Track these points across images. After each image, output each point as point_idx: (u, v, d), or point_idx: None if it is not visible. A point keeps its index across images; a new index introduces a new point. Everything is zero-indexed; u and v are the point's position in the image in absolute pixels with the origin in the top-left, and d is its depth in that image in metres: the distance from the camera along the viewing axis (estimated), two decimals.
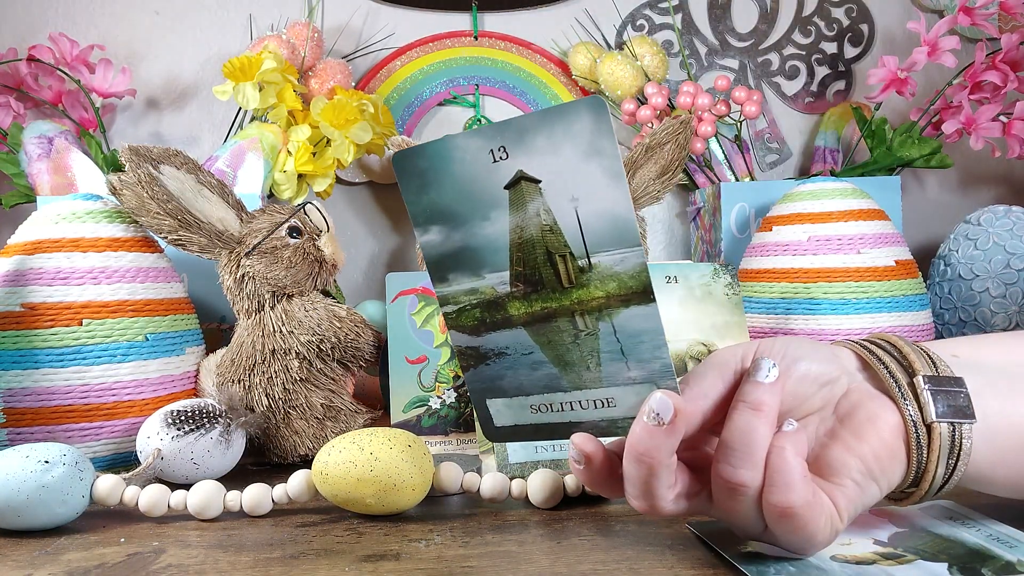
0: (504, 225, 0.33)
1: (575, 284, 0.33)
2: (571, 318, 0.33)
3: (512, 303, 0.34)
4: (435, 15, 0.98)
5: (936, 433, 0.35)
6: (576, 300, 0.33)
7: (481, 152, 0.31)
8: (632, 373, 0.33)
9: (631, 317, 0.32)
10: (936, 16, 1.01)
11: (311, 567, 0.38)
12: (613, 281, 0.32)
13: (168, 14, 0.96)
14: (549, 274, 0.33)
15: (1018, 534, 0.38)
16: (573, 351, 0.34)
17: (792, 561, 0.35)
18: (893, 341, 0.38)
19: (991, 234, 0.77)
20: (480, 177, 0.32)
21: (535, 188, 0.31)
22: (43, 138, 0.82)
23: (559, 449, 0.52)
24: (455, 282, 0.35)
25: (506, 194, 0.32)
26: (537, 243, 0.32)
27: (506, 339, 0.35)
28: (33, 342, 0.54)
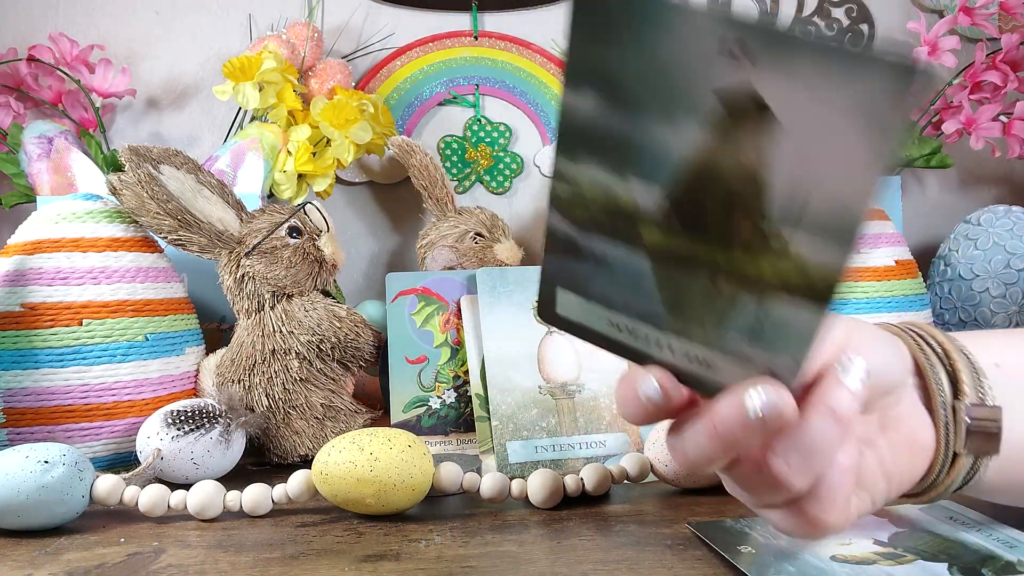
0: (691, 140, 0.24)
1: (745, 248, 0.25)
2: (713, 276, 0.26)
3: (649, 227, 0.26)
4: (435, 15, 0.98)
5: (960, 462, 0.34)
6: (734, 263, 0.25)
7: (709, 35, 0.22)
8: (751, 353, 0.27)
9: (789, 313, 0.25)
10: (936, 16, 1.01)
11: (311, 567, 0.38)
12: (796, 268, 0.24)
13: (168, 14, 0.96)
14: (719, 223, 0.25)
15: (1018, 534, 0.38)
16: (696, 304, 0.27)
17: (792, 561, 0.35)
18: (944, 345, 0.35)
19: (991, 234, 0.77)
20: (693, 65, 0.23)
21: (767, 121, 0.22)
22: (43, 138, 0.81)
23: (559, 449, 0.52)
24: (583, 164, 0.26)
25: (717, 104, 0.23)
26: (723, 184, 0.24)
27: (618, 253, 0.27)
28: (33, 342, 0.54)
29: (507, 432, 0.53)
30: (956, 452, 0.34)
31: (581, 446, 0.53)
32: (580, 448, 0.52)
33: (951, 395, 0.34)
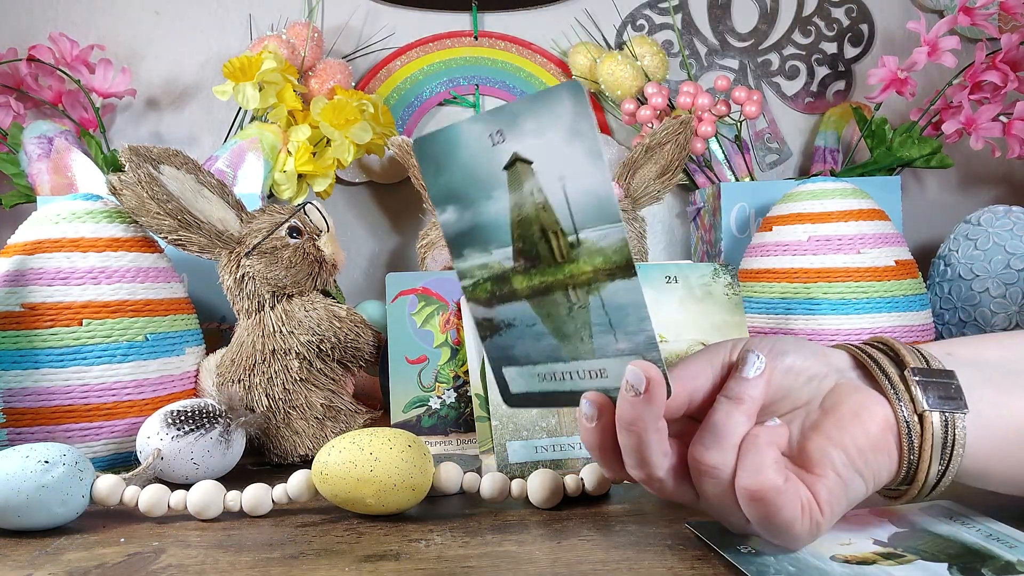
0: (505, 204, 0.35)
1: (567, 259, 0.35)
2: (565, 292, 0.36)
3: (516, 277, 0.37)
4: (435, 15, 0.98)
5: (928, 423, 0.35)
6: (568, 274, 0.35)
7: (482, 137, 0.34)
8: (621, 345, 0.35)
9: (617, 291, 0.34)
10: (936, 16, 1.01)
11: (311, 567, 0.38)
12: (599, 256, 0.34)
13: (168, 14, 0.96)
14: (545, 249, 0.35)
15: (1018, 534, 0.38)
16: (569, 323, 0.36)
17: (792, 561, 0.35)
18: (887, 341, 0.39)
19: (991, 234, 0.77)
20: (483, 160, 0.34)
21: (528, 169, 0.34)
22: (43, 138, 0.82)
23: (559, 449, 0.52)
24: (469, 258, 0.37)
25: (505, 175, 0.34)
26: (533, 220, 0.35)
27: (513, 311, 0.37)
28: (33, 342, 0.54)
29: (507, 432, 0.53)
30: (920, 413, 0.35)
31: (581, 446, 0.53)
32: (580, 448, 0.52)
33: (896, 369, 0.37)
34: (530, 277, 0.36)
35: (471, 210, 0.36)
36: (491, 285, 0.37)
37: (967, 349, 0.40)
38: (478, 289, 0.38)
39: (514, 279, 0.37)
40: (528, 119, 0.32)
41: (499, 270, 0.37)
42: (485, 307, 0.38)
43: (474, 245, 0.37)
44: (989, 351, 0.39)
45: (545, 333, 0.37)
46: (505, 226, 0.36)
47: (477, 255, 0.37)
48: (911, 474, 0.36)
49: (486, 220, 0.36)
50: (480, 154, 0.34)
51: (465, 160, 0.35)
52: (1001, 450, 0.36)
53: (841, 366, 0.38)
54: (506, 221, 0.36)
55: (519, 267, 0.36)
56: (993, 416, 0.36)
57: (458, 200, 0.36)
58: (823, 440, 0.35)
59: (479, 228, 0.36)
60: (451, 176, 0.36)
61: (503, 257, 0.37)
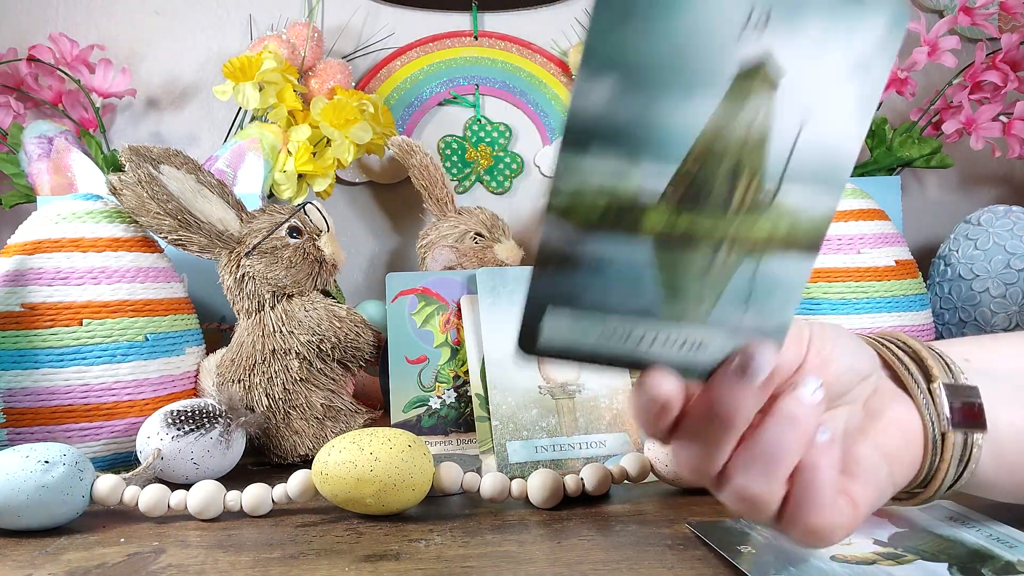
0: (706, 110, 0.25)
1: (744, 211, 0.27)
2: (715, 247, 0.28)
3: (654, 210, 0.27)
4: (435, 15, 0.98)
5: (950, 441, 0.34)
6: (735, 231, 0.27)
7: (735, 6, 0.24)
8: (747, 321, 0.29)
9: (781, 265, 0.28)
10: (936, 16, 1.01)
11: (311, 567, 0.38)
12: (789, 221, 0.27)
13: (168, 14, 0.96)
14: (722, 190, 0.26)
15: (1018, 534, 0.38)
16: (695, 282, 0.28)
17: (792, 561, 0.35)
18: (908, 343, 0.37)
19: (991, 234, 0.77)
20: (717, 39, 0.24)
21: (772, 83, 0.25)
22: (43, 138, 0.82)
23: (559, 449, 0.52)
24: (595, 155, 0.26)
25: (733, 75, 0.24)
26: (731, 152, 0.26)
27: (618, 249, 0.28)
28: (33, 342, 0.54)
29: (507, 432, 0.53)
30: (944, 432, 0.35)
31: (581, 446, 0.53)
32: (580, 448, 0.52)
33: (924, 381, 0.35)
34: (676, 217, 0.27)
35: (646, 96, 0.25)
36: (605, 206, 0.27)
37: (982, 354, 0.38)
38: (579, 205, 0.27)
39: (649, 212, 0.27)
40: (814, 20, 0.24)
41: (633, 191, 0.26)
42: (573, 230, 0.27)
43: (615, 143, 0.26)
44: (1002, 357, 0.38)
45: (651, 283, 0.28)
46: (685, 140, 0.26)
47: (611, 158, 0.26)
48: (925, 483, 0.36)
49: (661, 121, 0.25)
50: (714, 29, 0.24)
51: (682, 27, 0.24)
52: (1010, 467, 0.36)
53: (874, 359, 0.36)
54: (691, 136, 0.25)
55: (669, 198, 0.26)
56: (1004, 433, 0.35)
57: (632, 74, 0.25)
58: (872, 449, 0.34)
59: (641, 125, 0.25)
60: (646, 36, 0.24)
61: (651, 176, 0.26)
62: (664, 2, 0.24)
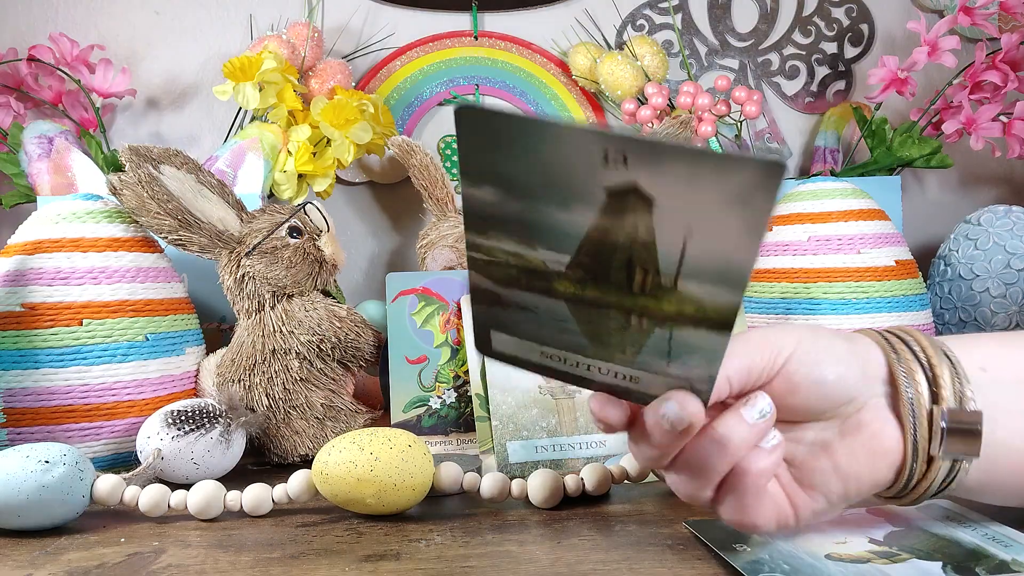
0: (585, 221, 0.27)
1: (646, 293, 0.28)
2: (626, 315, 0.29)
3: (561, 281, 0.29)
4: (435, 15, 0.98)
5: (936, 465, 0.34)
6: (640, 305, 0.29)
7: (592, 149, 0.25)
8: (671, 370, 0.30)
9: (696, 336, 0.29)
10: (936, 16, 1.01)
11: (311, 567, 0.38)
12: (692, 305, 0.28)
13: (168, 14, 0.96)
14: (620, 277, 0.28)
15: (1014, 533, 0.38)
16: (614, 336, 0.30)
17: (787, 560, 0.35)
18: (927, 350, 0.36)
19: (991, 234, 0.77)
20: (578, 171, 0.26)
21: (644, 205, 0.26)
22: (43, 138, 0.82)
23: (559, 449, 0.52)
24: (495, 239, 0.29)
25: (603, 195, 0.26)
26: (621, 250, 0.27)
27: (539, 303, 0.30)
28: (33, 342, 0.54)
29: (507, 432, 0.53)
30: (931, 456, 0.34)
31: (581, 446, 0.53)
32: (580, 448, 0.53)
33: (929, 401, 0.34)
34: (582, 287, 0.29)
35: (524, 203, 0.27)
36: (517, 272, 0.30)
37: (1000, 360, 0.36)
38: (494, 268, 0.30)
39: (558, 282, 0.29)
40: (679, 164, 0.24)
41: (537, 267, 0.29)
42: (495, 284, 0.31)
43: (510, 234, 0.29)
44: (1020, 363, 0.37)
45: (574, 331, 0.31)
46: (572, 238, 0.28)
47: (510, 243, 0.29)
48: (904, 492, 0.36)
49: (545, 222, 0.28)
50: (577, 164, 0.25)
51: (547, 160, 0.26)
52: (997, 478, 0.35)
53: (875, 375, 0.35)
54: (577, 234, 0.27)
55: (571, 275, 0.29)
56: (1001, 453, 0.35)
57: (508, 187, 0.27)
58: (829, 468, 0.34)
59: (527, 224, 0.28)
60: (510, 164, 0.26)
61: (551, 259, 0.29)
62: (521, 141, 0.25)
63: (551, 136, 0.25)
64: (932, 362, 0.35)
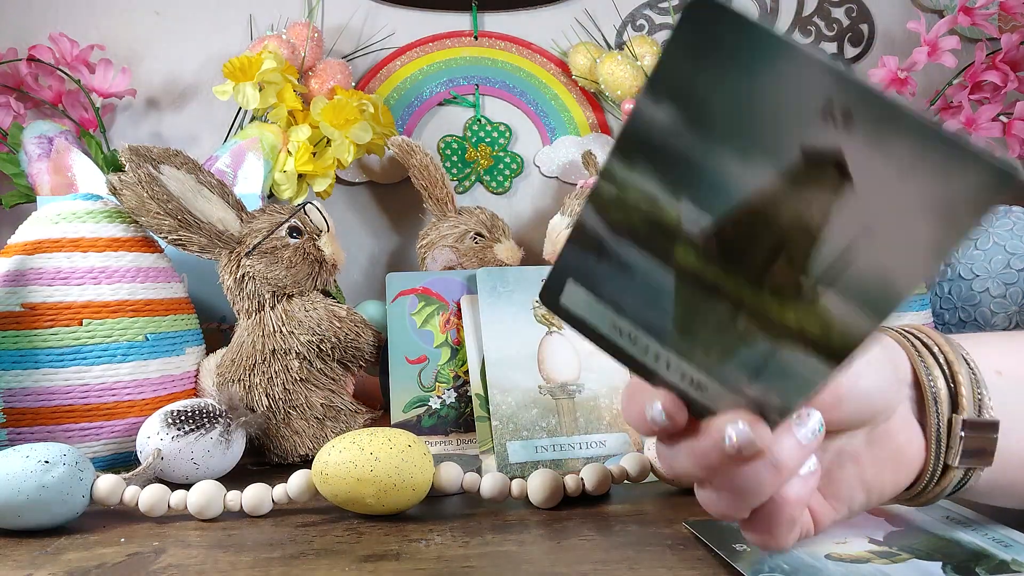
0: (759, 179, 0.23)
1: (774, 293, 0.25)
2: (736, 311, 0.26)
3: (685, 247, 0.26)
4: (435, 15, 0.98)
5: (950, 473, 0.34)
6: (761, 306, 0.25)
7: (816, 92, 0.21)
8: (749, 391, 0.27)
9: (800, 360, 0.25)
10: (936, 16, 1.01)
11: (311, 567, 0.38)
12: (819, 324, 0.24)
13: (168, 14, 0.96)
14: (758, 263, 0.25)
15: (1014, 534, 0.38)
16: (708, 331, 0.27)
17: (787, 560, 0.35)
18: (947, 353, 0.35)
19: (991, 234, 0.77)
20: (786, 113, 0.22)
21: (837, 184, 0.22)
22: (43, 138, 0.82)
23: (559, 449, 0.52)
24: (639, 172, 0.25)
25: (797, 155, 0.22)
26: (776, 230, 0.24)
27: (645, 263, 0.27)
28: (33, 342, 0.54)
29: (507, 432, 0.53)
30: (947, 464, 0.34)
31: (581, 446, 0.53)
32: (580, 448, 0.53)
33: (949, 409, 0.34)
34: (705, 262, 0.25)
35: (701, 138, 0.24)
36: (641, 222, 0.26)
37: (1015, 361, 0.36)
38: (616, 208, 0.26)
39: (680, 245, 0.26)
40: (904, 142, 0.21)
41: (668, 221, 0.25)
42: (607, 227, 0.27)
43: (662, 169, 0.25)
44: None
45: (665, 310, 0.27)
46: (730, 196, 0.24)
47: (652, 181, 0.25)
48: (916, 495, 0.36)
49: (711, 168, 0.24)
50: (789, 103, 0.22)
51: (759, 85, 0.22)
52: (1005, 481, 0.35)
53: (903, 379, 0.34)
54: (738, 194, 0.24)
55: (700, 243, 0.25)
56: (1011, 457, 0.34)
57: (694, 112, 0.23)
58: (855, 477, 0.33)
59: (690, 163, 0.24)
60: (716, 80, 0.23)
61: (689, 217, 0.25)
62: (741, 55, 0.22)
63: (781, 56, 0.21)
64: (953, 368, 0.34)
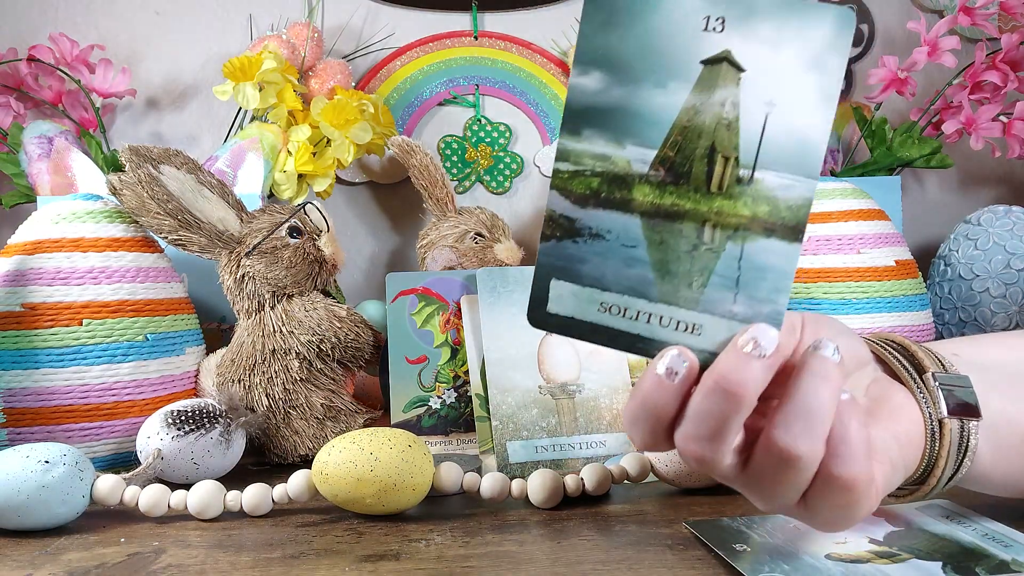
0: (679, 100, 0.29)
1: (723, 192, 0.29)
2: (700, 226, 0.30)
3: (640, 186, 0.30)
4: (435, 15, 0.98)
5: (947, 429, 0.35)
6: (715, 210, 0.30)
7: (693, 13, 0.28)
8: (736, 308, 0.30)
9: (766, 249, 0.30)
10: (936, 16, 1.01)
11: (311, 567, 0.38)
12: (767, 204, 0.29)
13: (168, 14, 0.96)
14: (701, 171, 0.29)
15: (1014, 533, 0.38)
16: (683, 262, 0.30)
17: (787, 559, 0.35)
18: (899, 341, 0.39)
19: (991, 234, 0.77)
20: (679, 39, 0.28)
21: (734, 76, 0.28)
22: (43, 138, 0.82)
23: (559, 449, 0.52)
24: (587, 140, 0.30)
25: (698, 68, 0.28)
26: (705, 133, 0.29)
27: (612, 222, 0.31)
28: (33, 342, 0.54)
29: (507, 432, 0.53)
30: (940, 420, 0.35)
31: (581, 446, 0.53)
32: (580, 448, 0.53)
33: (916, 373, 0.36)
34: (661, 192, 0.30)
35: (626, 87, 0.29)
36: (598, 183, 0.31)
37: (970, 349, 0.39)
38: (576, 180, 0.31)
39: (637, 187, 0.30)
40: (767, 22, 0.27)
41: (621, 171, 0.30)
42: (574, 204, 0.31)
43: (604, 128, 0.30)
44: (991, 351, 0.39)
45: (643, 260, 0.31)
46: (662, 125, 0.29)
47: (600, 141, 0.30)
48: (924, 476, 0.36)
49: (641, 108, 0.29)
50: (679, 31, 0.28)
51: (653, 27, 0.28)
52: (1005, 454, 0.36)
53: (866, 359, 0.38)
54: (668, 120, 0.29)
55: (653, 176, 0.30)
56: (999, 421, 0.36)
57: (614, 68, 0.29)
58: (882, 429, 0.34)
59: (624, 112, 0.30)
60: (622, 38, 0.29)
61: (636, 157, 0.30)
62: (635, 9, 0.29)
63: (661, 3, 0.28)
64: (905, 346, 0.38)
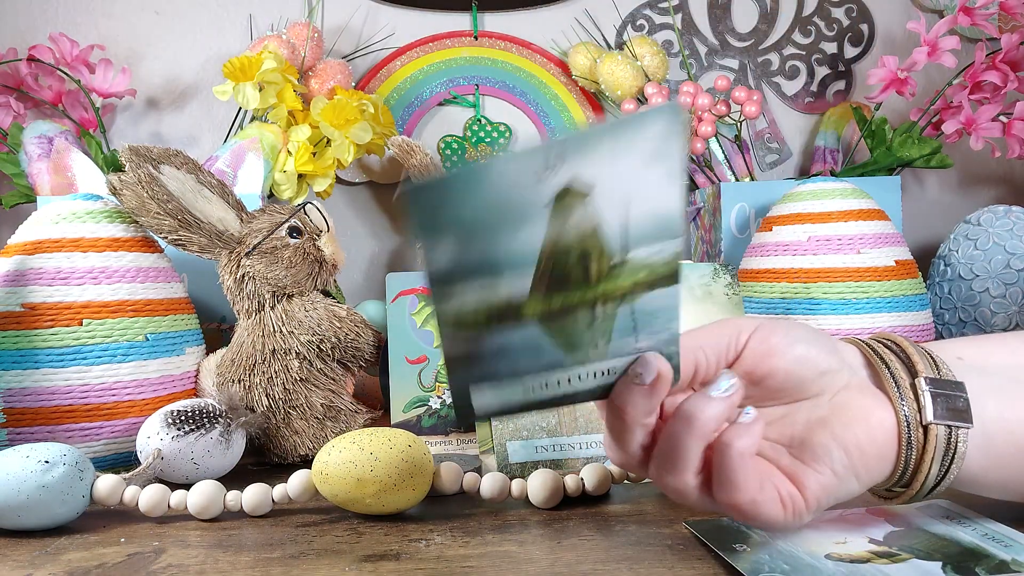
0: (539, 234, 0.30)
1: (602, 279, 0.31)
2: (591, 308, 0.32)
3: (527, 303, 0.32)
4: (435, 15, 0.98)
5: (932, 435, 0.35)
6: (601, 292, 0.32)
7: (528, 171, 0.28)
8: (640, 344, 0.34)
9: (652, 299, 0.32)
10: (936, 16, 1.01)
11: (311, 567, 0.38)
12: (644, 271, 0.31)
13: (168, 14, 0.96)
14: (578, 273, 0.31)
15: (1014, 533, 0.38)
16: (585, 334, 0.33)
17: (787, 559, 0.35)
18: (899, 342, 0.38)
19: (991, 234, 0.77)
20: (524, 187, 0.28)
21: (582, 197, 0.29)
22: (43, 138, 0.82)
23: (559, 449, 0.52)
24: (460, 291, 0.31)
25: (549, 203, 0.29)
26: (573, 248, 0.30)
27: (510, 337, 0.32)
28: (33, 342, 0.54)
29: (507, 432, 0.53)
30: (926, 425, 0.35)
31: (581, 446, 0.53)
32: (580, 448, 0.53)
33: (909, 376, 0.36)
34: (548, 300, 0.32)
35: (483, 242, 0.29)
36: (486, 317, 0.32)
37: (977, 352, 0.39)
38: (464, 318, 0.31)
39: (524, 305, 0.31)
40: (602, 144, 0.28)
41: (503, 301, 0.31)
42: (467, 337, 0.32)
43: (474, 275, 0.30)
44: (998, 354, 0.39)
45: (549, 347, 0.33)
46: (529, 256, 0.30)
47: (474, 290, 0.31)
48: (907, 479, 0.36)
49: (504, 250, 0.30)
50: (516, 192, 0.28)
51: (495, 191, 0.28)
52: (999, 461, 0.36)
53: (853, 363, 0.38)
54: (533, 252, 0.30)
55: (537, 293, 0.31)
56: (994, 428, 0.36)
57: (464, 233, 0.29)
58: (827, 437, 0.35)
59: (490, 258, 0.30)
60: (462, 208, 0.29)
61: (515, 288, 0.31)
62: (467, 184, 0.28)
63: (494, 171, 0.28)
64: (905, 348, 0.38)
